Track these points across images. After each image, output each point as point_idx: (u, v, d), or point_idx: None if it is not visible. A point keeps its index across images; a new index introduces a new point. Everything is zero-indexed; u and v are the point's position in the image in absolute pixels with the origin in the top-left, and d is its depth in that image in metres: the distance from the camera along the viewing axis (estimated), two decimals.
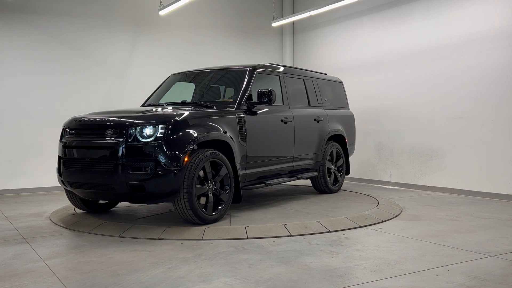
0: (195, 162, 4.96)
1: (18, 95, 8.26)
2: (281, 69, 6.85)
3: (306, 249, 4.34)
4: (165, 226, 5.02)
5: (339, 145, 7.75)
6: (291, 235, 4.84)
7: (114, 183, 4.87)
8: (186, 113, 5.23)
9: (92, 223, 5.32)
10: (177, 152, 4.87)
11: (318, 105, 7.39)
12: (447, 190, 7.82)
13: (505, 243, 4.53)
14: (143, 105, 6.75)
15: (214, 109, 5.70)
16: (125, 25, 9.19)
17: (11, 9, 8.21)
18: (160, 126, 4.89)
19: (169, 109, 5.47)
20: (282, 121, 6.39)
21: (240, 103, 5.85)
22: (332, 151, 7.52)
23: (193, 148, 5.02)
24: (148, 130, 4.89)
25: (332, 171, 7.57)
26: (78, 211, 6.04)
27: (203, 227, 4.96)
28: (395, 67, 8.70)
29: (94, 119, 5.29)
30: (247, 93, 5.95)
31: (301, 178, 6.87)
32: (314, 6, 8.72)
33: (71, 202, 5.96)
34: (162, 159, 4.82)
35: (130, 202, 5.26)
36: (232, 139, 5.51)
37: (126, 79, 9.19)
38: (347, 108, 8.30)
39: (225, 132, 5.44)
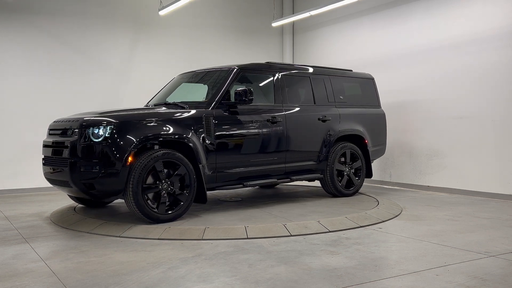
0: (143, 162, 5.09)
1: (18, 95, 8.26)
2: (277, 67, 6.68)
3: (306, 249, 4.34)
4: (165, 226, 5.02)
5: (357, 146, 7.26)
6: (291, 235, 4.84)
7: (70, 181, 5.18)
8: (134, 115, 5.39)
9: (92, 223, 5.33)
10: (121, 152, 5.05)
11: (328, 103, 7.04)
12: (447, 190, 7.82)
13: (505, 243, 4.53)
14: (146, 104, 6.77)
15: (186, 109, 5.74)
16: (125, 25, 9.19)
17: (11, 9, 8.21)
18: (108, 127, 5.11)
19: (131, 111, 5.64)
20: (268, 120, 6.23)
21: (213, 102, 5.85)
22: (345, 152, 7.06)
23: (139, 148, 5.16)
24: (98, 131, 5.12)
25: (345, 173, 7.10)
26: (78, 210, 6.06)
27: (203, 227, 4.96)
28: (394, 67, 8.70)
29: (61, 120, 5.69)
30: (223, 93, 5.92)
31: (297, 180, 6.66)
32: (314, 6, 8.72)
33: (69, 197, 6.30)
34: (108, 158, 5.04)
35: (90, 199, 5.60)
36: (194, 140, 5.51)
37: (126, 78, 9.19)
38: (376, 106, 7.80)
39: (185, 132, 5.47)
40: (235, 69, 6.20)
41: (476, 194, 7.39)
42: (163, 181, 5.26)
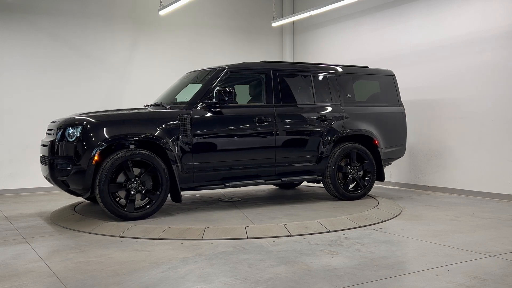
0: (110, 161, 5.29)
1: (18, 95, 8.26)
2: (271, 66, 6.52)
3: (306, 249, 4.34)
4: (165, 226, 5.02)
5: (366, 146, 6.86)
6: (291, 235, 4.84)
7: (50, 178, 5.49)
8: (108, 115, 5.61)
9: (92, 223, 5.33)
10: (88, 151, 5.29)
11: (331, 102, 6.74)
12: (447, 190, 7.82)
13: (505, 243, 4.53)
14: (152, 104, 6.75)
15: (167, 109, 5.85)
16: (125, 25, 9.19)
17: (11, 9, 8.21)
18: (80, 127, 5.37)
19: (110, 111, 5.85)
20: (255, 121, 6.10)
21: (194, 102, 5.88)
22: (350, 153, 6.71)
23: (105, 147, 5.33)
24: (72, 131, 5.39)
25: (349, 175, 6.75)
26: (78, 210, 6.06)
27: (203, 227, 4.96)
28: (394, 67, 8.68)
29: (56, 121, 5.87)
30: (207, 93, 5.93)
31: (290, 181, 6.46)
32: (314, 6, 8.71)
33: None
34: (76, 157, 5.31)
35: (74, 196, 5.82)
36: (166, 139, 5.57)
37: (126, 78, 9.19)
38: (395, 104, 7.35)
39: (156, 132, 5.55)
40: (224, 69, 6.18)
41: (476, 194, 7.39)
42: (133, 180, 5.40)
